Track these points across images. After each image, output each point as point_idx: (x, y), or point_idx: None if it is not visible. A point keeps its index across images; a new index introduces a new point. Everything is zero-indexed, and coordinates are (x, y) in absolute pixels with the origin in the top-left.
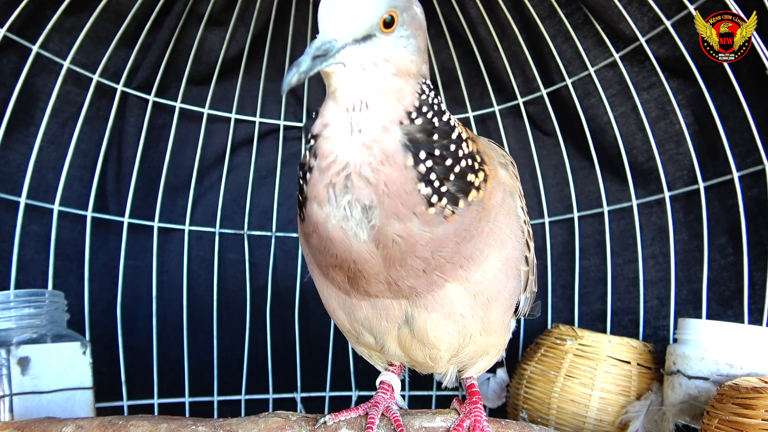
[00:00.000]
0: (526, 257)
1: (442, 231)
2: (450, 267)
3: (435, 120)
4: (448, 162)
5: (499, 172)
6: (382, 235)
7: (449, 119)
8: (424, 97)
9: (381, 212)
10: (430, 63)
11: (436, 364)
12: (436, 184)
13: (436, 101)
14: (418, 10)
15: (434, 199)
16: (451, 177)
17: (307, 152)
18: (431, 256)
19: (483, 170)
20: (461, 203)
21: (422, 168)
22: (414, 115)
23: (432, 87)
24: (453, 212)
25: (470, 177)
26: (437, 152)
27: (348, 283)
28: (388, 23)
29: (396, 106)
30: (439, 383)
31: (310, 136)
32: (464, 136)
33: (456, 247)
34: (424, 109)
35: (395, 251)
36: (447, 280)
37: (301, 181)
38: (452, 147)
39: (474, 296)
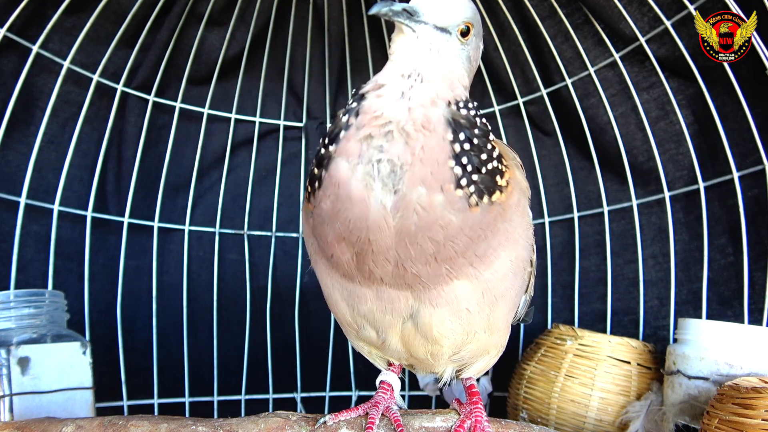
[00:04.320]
0: (531, 259)
1: (461, 219)
2: (461, 262)
3: (477, 119)
4: (483, 156)
5: (516, 173)
6: (405, 202)
7: (486, 124)
8: (470, 104)
9: (411, 175)
10: None
11: (436, 362)
12: (469, 168)
13: (478, 110)
14: (482, 44)
15: (464, 182)
16: (483, 170)
17: (344, 115)
18: (443, 243)
19: (506, 172)
20: (485, 199)
21: (458, 147)
22: (461, 105)
23: None
24: (477, 204)
25: (498, 179)
26: (475, 141)
27: (354, 263)
28: (464, 32)
29: (447, 89)
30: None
31: (354, 96)
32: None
33: (469, 243)
34: (470, 106)
35: (411, 223)
36: (456, 276)
37: (323, 149)
38: (489, 146)
39: (482, 293)
